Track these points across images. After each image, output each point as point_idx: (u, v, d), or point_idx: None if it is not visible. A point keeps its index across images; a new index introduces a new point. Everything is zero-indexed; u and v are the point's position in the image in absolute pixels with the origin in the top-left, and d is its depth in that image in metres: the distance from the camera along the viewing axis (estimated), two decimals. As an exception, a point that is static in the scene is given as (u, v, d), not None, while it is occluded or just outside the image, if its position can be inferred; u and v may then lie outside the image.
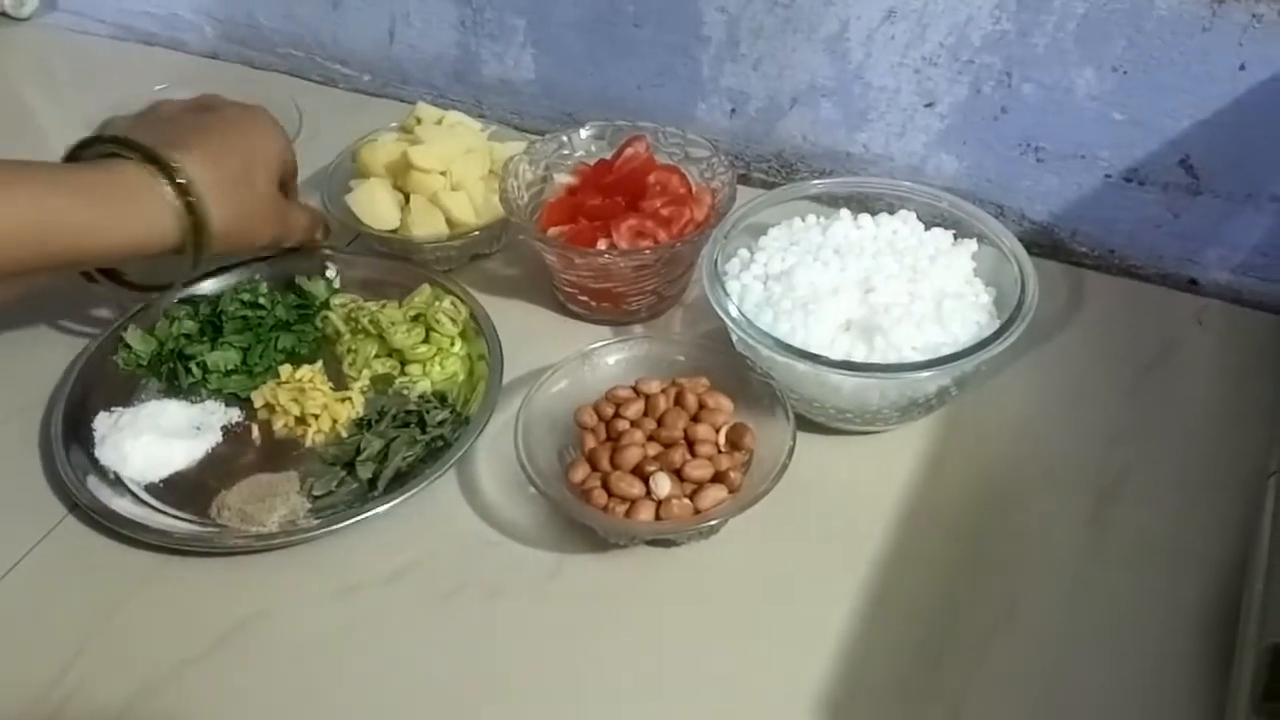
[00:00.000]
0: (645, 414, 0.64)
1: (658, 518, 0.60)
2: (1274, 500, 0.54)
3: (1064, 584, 0.60)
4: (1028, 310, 0.64)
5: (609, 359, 0.68)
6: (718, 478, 0.61)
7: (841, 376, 0.63)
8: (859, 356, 0.64)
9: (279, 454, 0.69)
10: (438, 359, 0.73)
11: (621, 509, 0.60)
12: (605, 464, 0.62)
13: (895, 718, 0.55)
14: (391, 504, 0.63)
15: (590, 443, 0.63)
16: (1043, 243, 0.82)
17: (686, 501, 0.60)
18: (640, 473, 0.61)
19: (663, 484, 0.60)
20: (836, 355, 0.63)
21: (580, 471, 0.62)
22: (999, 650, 0.57)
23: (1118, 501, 0.64)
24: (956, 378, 0.64)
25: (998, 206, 0.82)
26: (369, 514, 0.63)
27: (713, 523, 0.60)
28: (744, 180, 0.90)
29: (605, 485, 0.61)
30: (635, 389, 0.65)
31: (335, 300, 0.77)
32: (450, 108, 0.87)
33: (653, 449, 0.62)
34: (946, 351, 0.63)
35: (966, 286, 0.68)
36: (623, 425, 0.63)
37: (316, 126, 0.91)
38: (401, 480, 0.66)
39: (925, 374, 0.62)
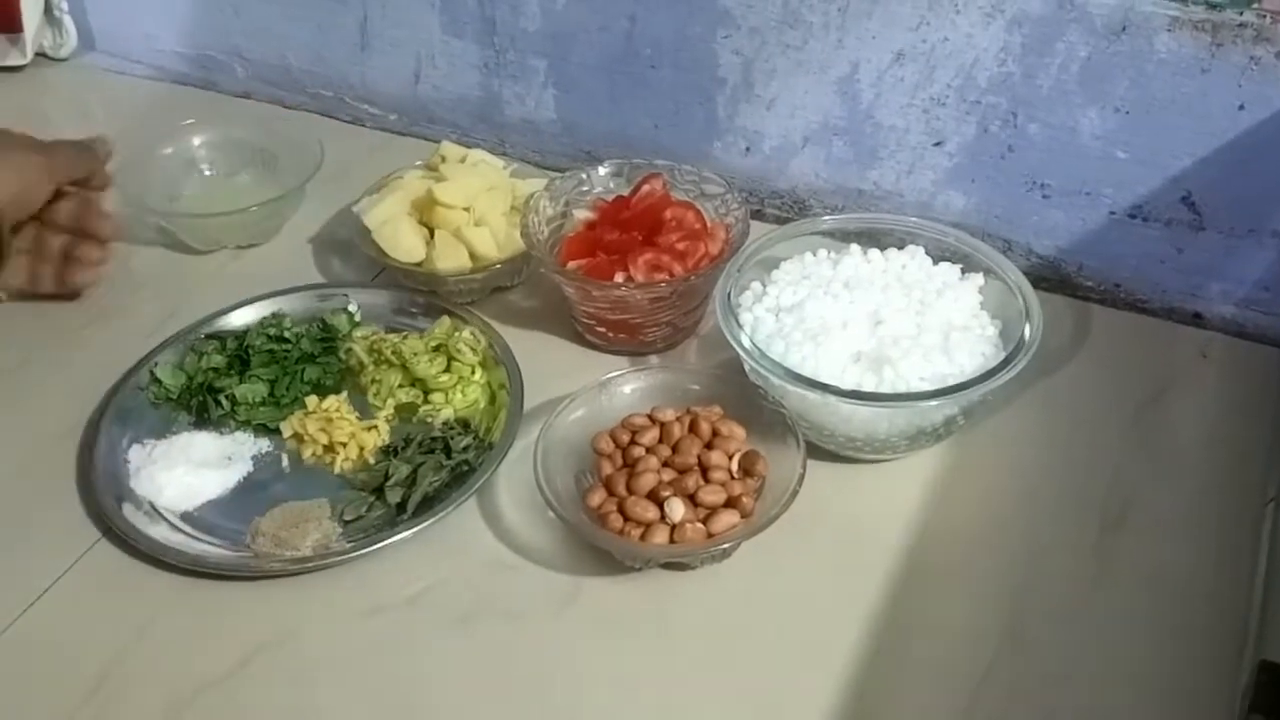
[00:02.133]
0: (660, 441, 0.66)
1: (672, 541, 0.61)
2: (1271, 526, 0.56)
3: (1068, 611, 0.61)
4: (1032, 342, 0.66)
5: (625, 388, 0.70)
6: (730, 503, 0.63)
7: (851, 406, 0.64)
8: (868, 387, 0.66)
9: (308, 481, 0.72)
10: (459, 387, 0.75)
11: (637, 533, 0.62)
12: (621, 489, 0.64)
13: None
14: (419, 527, 0.65)
15: (607, 469, 0.65)
16: (1050, 277, 0.84)
17: (700, 526, 0.62)
18: (655, 498, 0.63)
19: (676, 509, 0.62)
20: (846, 385, 0.65)
21: (597, 496, 0.64)
22: (1003, 675, 0.58)
23: (1122, 531, 0.66)
24: (963, 407, 0.66)
25: (1005, 242, 0.84)
26: (399, 537, 0.65)
27: (725, 546, 0.62)
28: (758, 216, 0.92)
29: (621, 510, 0.63)
30: (651, 417, 0.67)
31: (358, 332, 0.79)
32: (474, 146, 0.91)
33: (667, 474, 0.64)
34: (953, 382, 0.65)
35: (973, 319, 0.70)
36: (638, 452, 0.65)
37: (345, 165, 0.94)
38: (428, 504, 0.68)
39: (932, 403, 0.64)
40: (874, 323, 0.69)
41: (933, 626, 0.61)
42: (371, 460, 0.72)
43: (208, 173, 0.96)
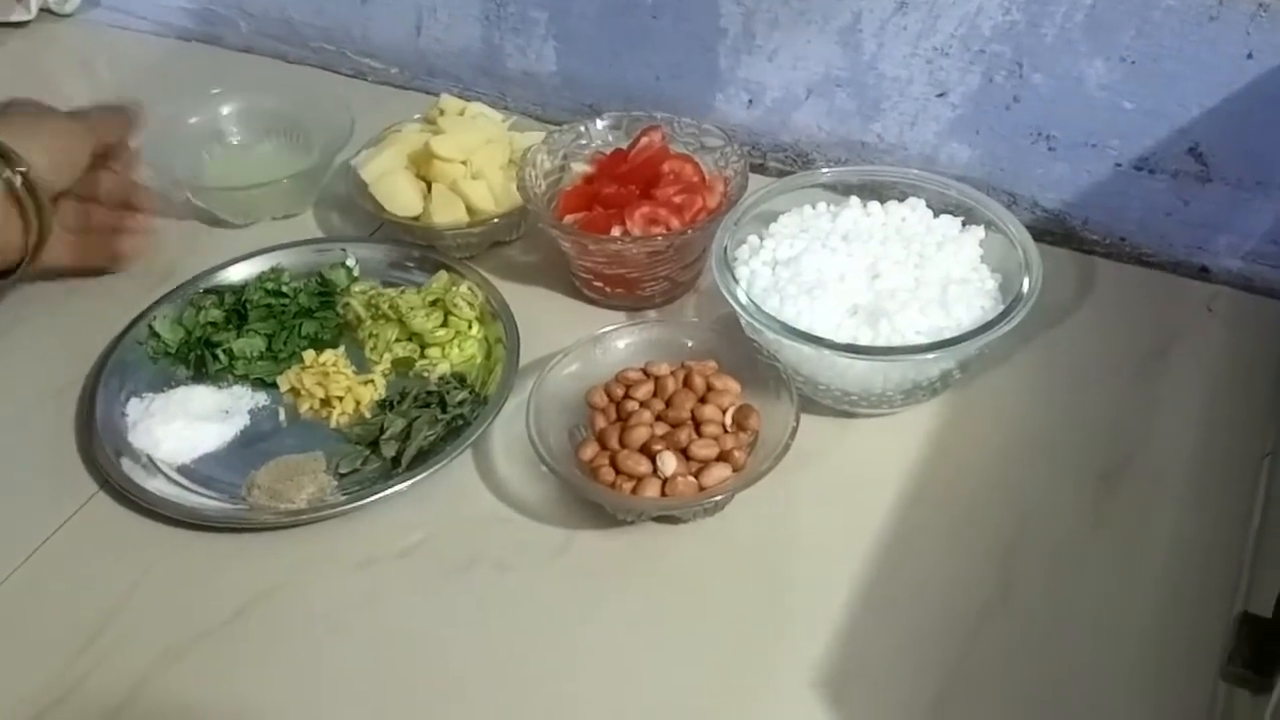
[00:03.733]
0: (654, 395, 0.66)
1: (663, 494, 0.61)
2: (1267, 480, 0.55)
3: (1062, 566, 0.61)
4: (1030, 295, 0.65)
5: (620, 342, 0.70)
6: (723, 457, 0.63)
7: (847, 360, 0.64)
8: (864, 340, 0.65)
9: (305, 435, 0.72)
10: (456, 342, 0.75)
11: (628, 486, 0.62)
12: (614, 443, 0.63)
13: (889, 692, 0.56)
14: (414, 480, 0.65)
15: (600, 423, 0.65)
16: (1055, 231, 0.82)
17: (692, 479, 0.62)
18: (647, 451, 0.62)
19: (668, 462, 0.62)
20: (842, 339, 0.64)
21: (590, 450, 0.64)
22: (993, 629, 0.58)
23: (1121, 486, 0.65)
24: (960, 361, 0.66)
25: (1010, 195, 0.83)
26: (393, 490, 0.65)
27: (716, 499, 0.62)
28: (761, 170, 0.91)
29: (613, 463, 0.63)
30: (645, 371, 0.67)
31: (355, 287, 0.79)
32: (475, 99, 0.90)
33: (660, 429, 0.64)
34: (949, 335, 0.64)
35: (972, 273, 0.69)
36: (632, 406, 0.65)
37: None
38: (422, 458, 0.68)
39: (928, 357, 0.63)
40: (871, 276, 0.69)
41: (925, 580, 0.61)
42: (367, 414, 0.72)
43: (234, 142, 0.95)
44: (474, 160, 0.81)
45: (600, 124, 0.81)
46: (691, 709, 0.56)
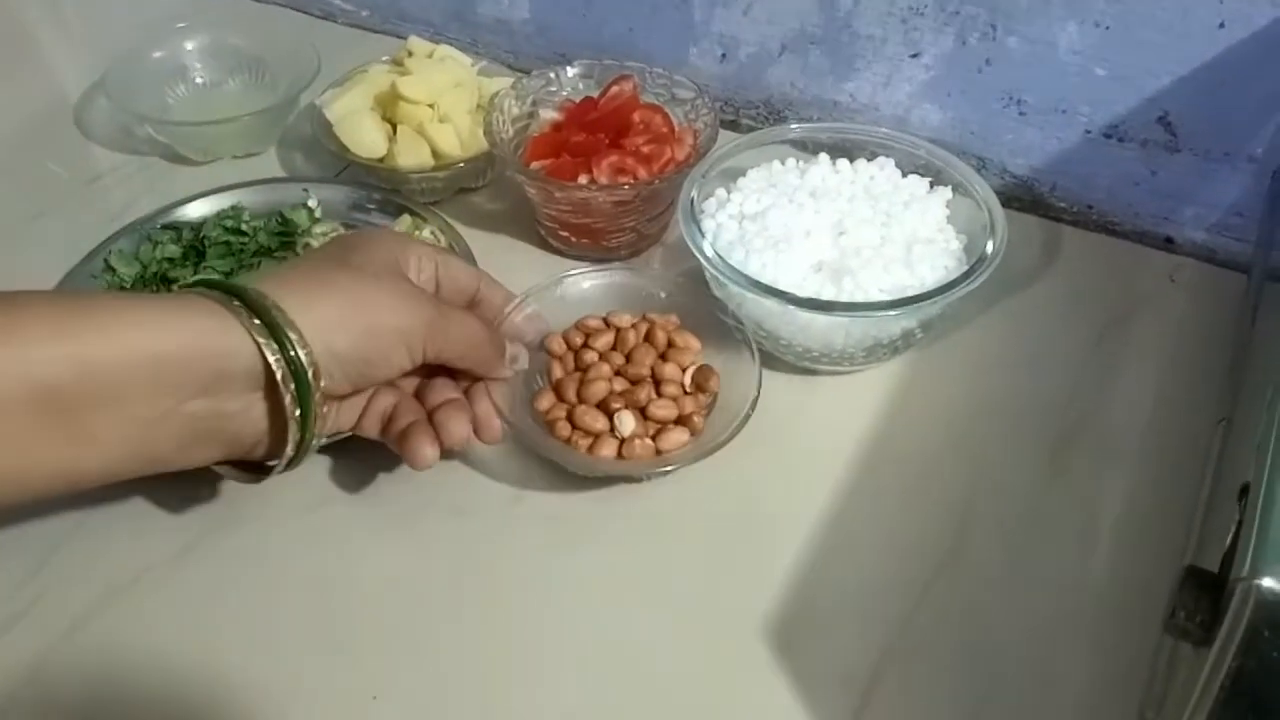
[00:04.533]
0: (614, 348, 0.65)
1: (620, 455, 0.61)
2: (1220, 445, 0.55)
3: (1016, 525, 0.61)
4: (994, 256, 0.65)
5: (583, 284, 0.69)
6: (681, 420, 0.62)
7: (809, 315, 0.64)
8: (827, 296, 0.65)
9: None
10: (417, 287, 0.74)
11: (585, 443, 0.61)
12: (571, 395, 0.63)
13: (838, 644, 0.56)
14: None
15: (558, 372, 0.64)
16: (1023, 197, 0.82)
17: (649, 442, 0.61)
18: (605, 408, 0.62)
19: (627, 422, 0.61)
20: (805, 293, 0.64)
21: (546, 400, 0.63)
22: (945, 585, 0.58)
23: (1077, 449, 0.65)
24: (922, 320, 0.66)
25: (980, 159, 0.82)
26: (344, 435, 0.64)
27: (671, 468, 0.61)
28: (733, 127, 0.91)
29: (570, 418, 0.62)
30: (606, 321, 0.66)
31: (317, 228, 0.78)
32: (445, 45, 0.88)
33: (619, 384, 0.63)
34: (912, 293, 0.64)
35: (938, 233, 0.69)
36: (591, 357, 0.64)
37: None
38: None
39: (890, 314, 0.63)
40: (837, 233, 0.68)
41: (879, 537, 0.61)
42: (324, 355, 0.71)
43: (199, 80, 0.93)
44: (441, 103, 0.80)
45: (571, 71, 0.80)
46: (641, 658, 0.56)
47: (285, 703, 0.54)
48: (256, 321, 0.50)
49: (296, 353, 0.51)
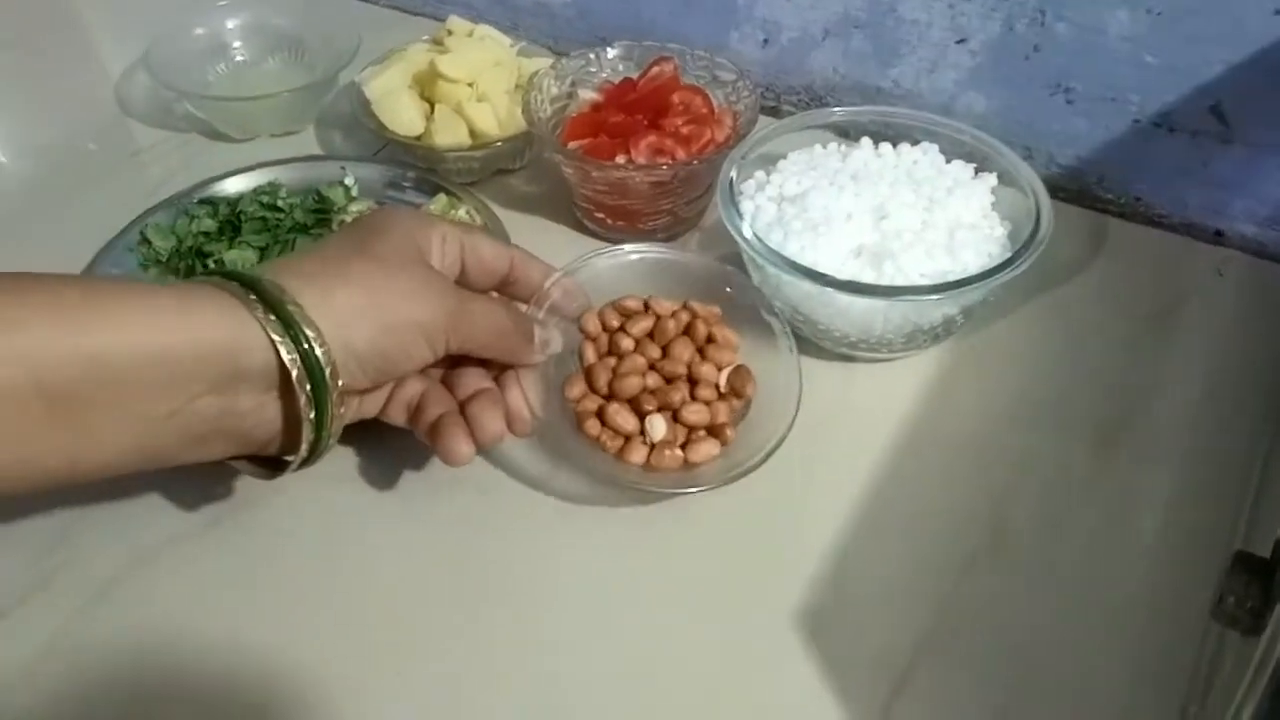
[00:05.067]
0: (651, 336, 0.63)
1: (648, 463, 0.59)
2: (1269, 443, 0.54)
3: (1055, 518, 0.60)
4: (1040, 242, 0.63)
5: (625, 260, 0.66)
6: (713, 431, 0.60)
7: (848, 298, 0.62)
8: (867, 280, 0.64)
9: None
10: (451, 266, 0.73)
11: (614, 444, 0.59)
12: (603, 386, 0.61)
13: (872, 632, 0.55)
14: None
15: (590, 355, 0.62)
16: (1069, 187, 0.81)
17: (678, 452, 0.59)
18: (637, 407, 0.60)
19: (658, 427, 0.59)
20: (845, 276, 0.63)
21: (577, 388, 0.61)
22: (980, 576, 0.57)
23: (1119, 443, 0.64)
24: (963, 307, 0.64)
25: (1026, 149, 0.81)
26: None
27: (693, 491, 0.59)
28: (774, 113, 0.90)
29: (601, 414, 0.60)
30: (646, 304, 0.64)
31: (352, 206, 0.77)
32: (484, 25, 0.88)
33: (652, 379, 0.61)
34: (954, 279, 0.62)
35: (982, 219, 0.68)
36: (627, 344, 0.62)
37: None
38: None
39: (931, 299, 0.62)
40: (879, 217, 0.67)
41: (915, 525, 0.60)
42: (357, 332, 0.70)
43: (239, 58, 0.93)
44: (480, 82, 0.79)
45: (611, 52, 0.80)
46: (669, 645, 0.55)
47: (304, 679, 0.53)
48: (273, 318, 0.48)
49: (313, 351, 0.49)
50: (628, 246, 0.66)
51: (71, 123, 0.92)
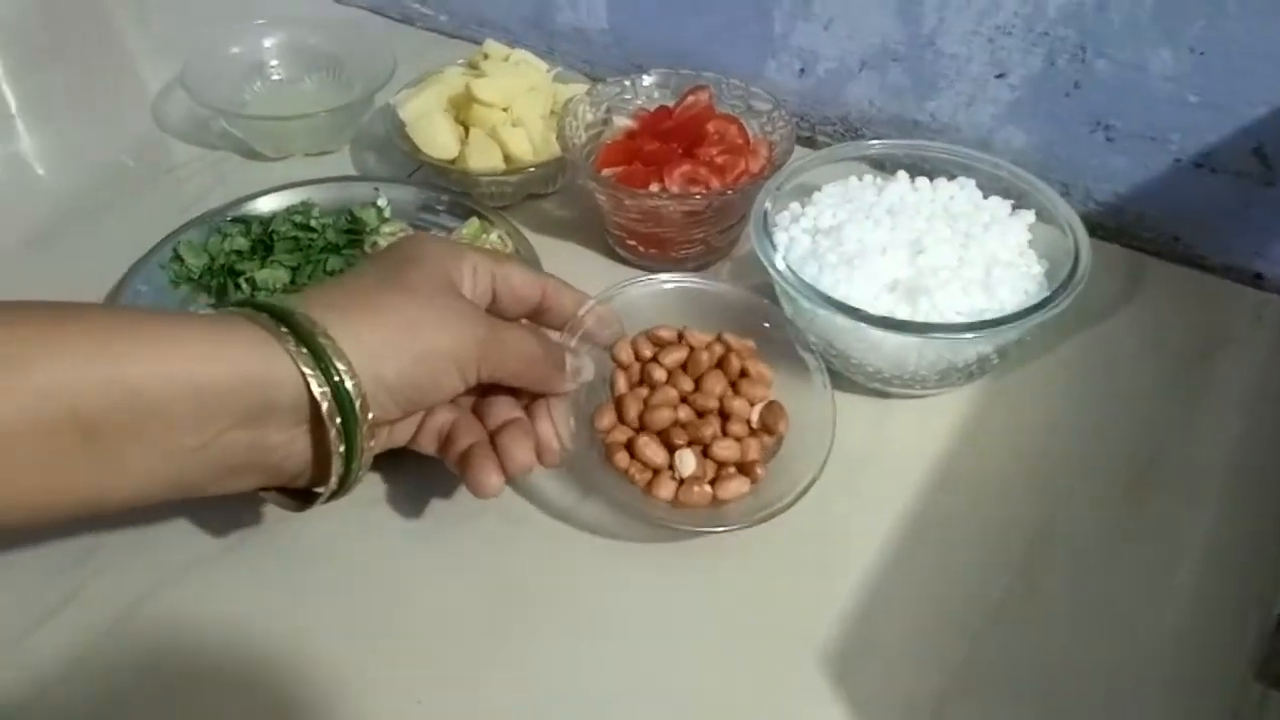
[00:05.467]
0: (684, 368, 0.62)
1: (676, 499, 0.58)
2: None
3: (1089, 564, 0.59)
4: (1078, 282, 0.63)
5: (659, 289, 0.65)
6: (743, 469, 0.59)
7: (881, 334, 0.62)
8: (901, 315, 0.63)
9: (321, 372, 0.70)
10: (482, 290, 0.73)
11: (643, 478, 0.58)
12: (633, 418, 0.60)
13: (899, 675, 0.54)
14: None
15: (621, 385, 0.62)
16: (1107, 225, 0.80)
17: (707, 488, 0.58)
18: (667, 441, 0.59)
19: (687, 462, 0.58)
20: (879, 312, 0.62)
21: (607, 419, 0.61)
22: (1011, 622, 0.56)
23: (1155, 488, 0.62)
24: (999, 346, 0.63)
25: (1064, 185, 0.80)
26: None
27: (721, 530, 0.58)
28: (809, 144, 0.89)
29: (630, 447, 0.59)
30: (680, 335, 0.63)
31: (385, 228, 0.77)
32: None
33: (684, 412, 0.60)
34: (990, 317, 0.62)
35: (1019, 257, 0.67)
36: (659, 375, 0.61)
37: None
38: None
39: (966, 337, 0.61)
40: (914, 252, 0.66)
41: (945, 568, 0.59)
42: (386, 355, 0.70)
43: (275, 77, 0.94)
44: (515, 107, 0.79)
45: (647, 80, 0.79)
46: (693, 683, 0.54)
47: (329, 700, 0.53)
48: (304, 351, 0.48)
49: (344, 384, 0.48)
50: (663, 275, 0.66)
51: (109, 138, 0.92)
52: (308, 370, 0.48)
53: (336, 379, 0.48)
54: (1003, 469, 0.64)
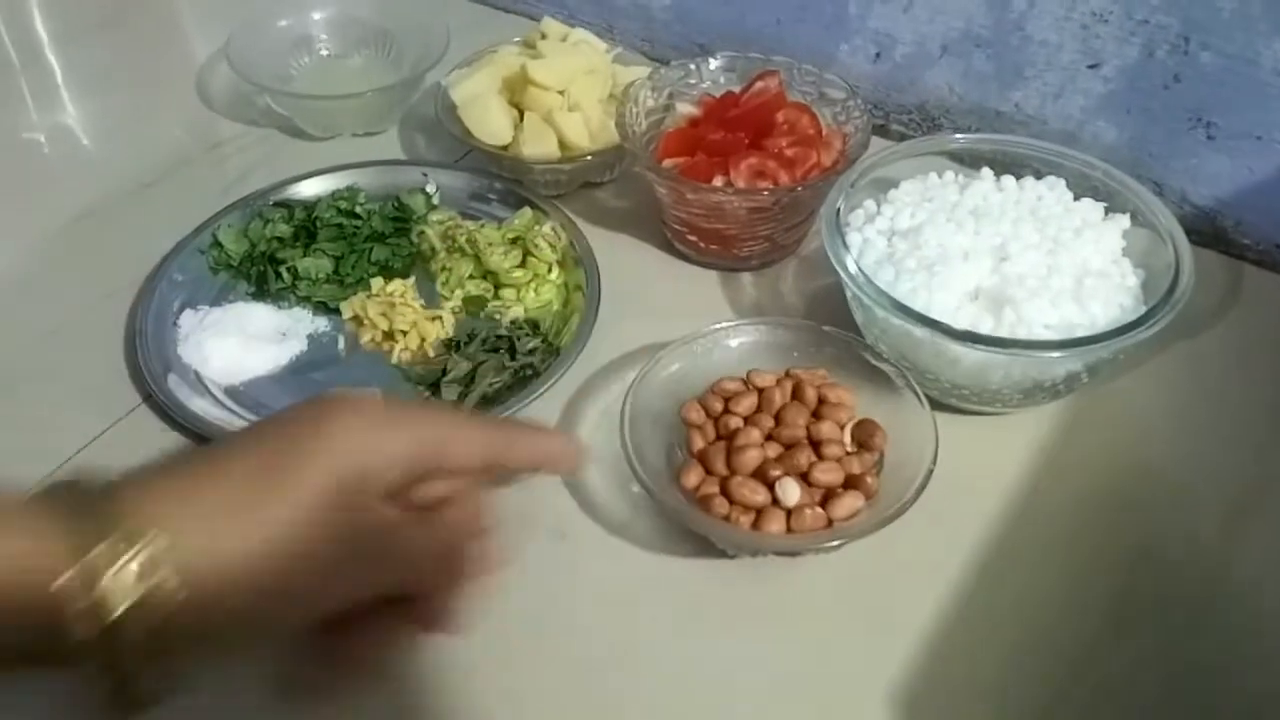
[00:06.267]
0: (759, 410, 0.57)
1: (789, 529, 0.53)
2: None
3: (1181, 600, 0.54)
4: (1179, 298, 0.57)
5: (730, 342, 0.61)
6: (851, 483, 0.54)
7: (962, 348, 0.57)
8: (984, 329, 0.58)
9: (363, 369, 0.67)
10: (533, 285, 0.69)
11: (746, 519, 0.53)
12: (720, 467, 0.55)
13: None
14: (471, 430, 0.60)
15: (699, 442, 0.57)
16: (1202, 229, 0.74)
17: (819, 511, 0.53)
18: (763, 477, 0.54)
19: (791, 491, 0.53)
20: (959, 325, 0.57)
21: (693, 476, 0.55)
22: (1096, 663, 0.51)
23: (1253, 518, 0.58)
24: (1089, 364, 0.58)
25: (1157, 184, 0.75)
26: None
27: (839, 543, 0.53)
28: (882, 132, 0.84)
29: (725, 491, 0.54)
30: (746, 381, 0.59)
31: (433, 216, 0.74)
32: (581, 28, 0.83)
33: (773, 449, 0.56)
34: (1082, 333, 0.57)
35: (1113, 266, 0.62)
36: (735, 423, 0.57)
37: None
38: (486, 406, 0.63)
39: (1055, 355, 0.56)
40: (999, 258, 0.61)
41: (1025, 603, 0.54)
42: (431, 353, 0.67)
43: (324, 52, 0.90)
44: (571, 90, 0.75)
45: (713, 64, 0.75)
46: (755, 705, 0.50)
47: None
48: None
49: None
50: (705, 330, 0.61)
51: (153, 111, 0.90)
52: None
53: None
54: (1089, 495, 0.59)
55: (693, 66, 0.74)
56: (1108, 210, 0.65)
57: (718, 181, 0.67)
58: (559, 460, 0.50)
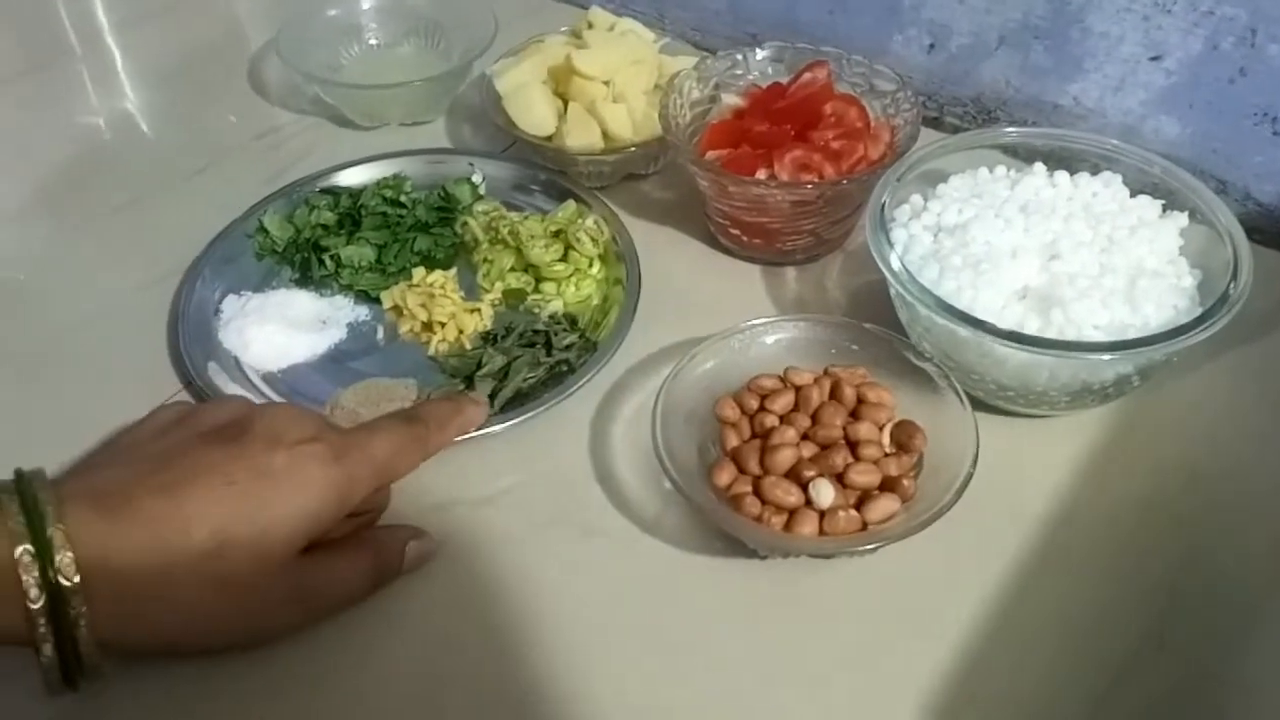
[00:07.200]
0: (795, 409, 0.56)
1: (822, 531, 0.52)
2: None
3: (1229, 617, 0.52)
4: (1236, 300, 0.55)
5: (763, 339, 0.60)
6: (887, 485, 0.53)
7: (1008, 349, 0.55)
8: (1031, 329, 0.56)
9: (400, 359, 0.66)
10: (574, 279, 0.69)
11: (779, 520, 0.52)
12: (754, 466, 0.54)
13: (1010, 737, 0.48)
14: (505, 425, 0.60)
15: (733, 440, 0.56)
16: (1265, 229, 0.72)
17: (854, 514, 0.52)
18: (797, 478, 0.53)
19: (825, 493, 0.52)
20: (1006, 324, 0.56)
21: (726, 474, 0.54)
22: (1139, 678, 0.50)
23: (1315, 533, 0.55)
24: (1141, 367, 0.56)
25: (1219, 182, 0.72)
26: (480, 433, 0.59)
27: (877, 546, 0.52)
28: (935, 125, 0.82)
29: (757, 491, 0.53)
30: (783, 379, 0.57)
31: (478, 206, 0.73)
32: (629, 18, 0.82)
33: (808, 449, 0.54)
34: (1134, 335, 0.55)
35: (1168, 266, 0.60)
36: (770, 421, 0.55)
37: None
38: (520, 401, 0.62)
39: (1105, 357, 0.54)
40: (1049, 256, 0.59)
41: (1066, 613, 0.53)
42: (468, 345, 0.66)
43: (372, 41, 0.90)
44: (617, 81, 0.74)
45: (760, 54, 0.73)
46: (783, 709, 0.49)
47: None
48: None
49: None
50: (742, 326, 0.60)
51: (202, 100, 0.90)
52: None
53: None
54: (1137, 505, 0.57)
55: (739, 57, 0.73)
56: (1165, 208, 0.63)
57: (761, 174, 0.66)
58: (474, 424, 0.59)
